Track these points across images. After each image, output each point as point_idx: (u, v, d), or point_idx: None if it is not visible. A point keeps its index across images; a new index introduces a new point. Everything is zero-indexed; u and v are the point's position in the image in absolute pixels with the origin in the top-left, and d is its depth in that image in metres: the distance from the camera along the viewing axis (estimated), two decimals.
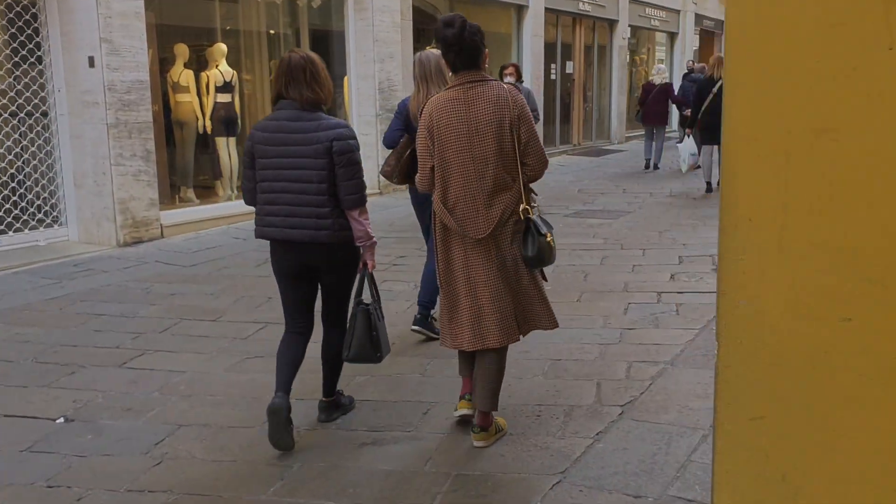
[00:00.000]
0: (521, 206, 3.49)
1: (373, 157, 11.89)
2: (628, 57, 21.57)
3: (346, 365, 3.99)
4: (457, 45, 3.45)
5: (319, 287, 3.83)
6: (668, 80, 14.79)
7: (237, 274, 7.30)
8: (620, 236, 8.52)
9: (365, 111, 11.79)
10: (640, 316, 5.57)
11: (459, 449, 3.64)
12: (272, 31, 12.52)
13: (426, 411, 4.08)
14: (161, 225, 8.89)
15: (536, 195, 3.69)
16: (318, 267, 3.71)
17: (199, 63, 10.86)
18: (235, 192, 10.75)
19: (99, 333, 5.59)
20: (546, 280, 3.76)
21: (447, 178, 3.51)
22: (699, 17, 24.05)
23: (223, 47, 10.62)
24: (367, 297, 3.79)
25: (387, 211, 10.46)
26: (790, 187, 1.55)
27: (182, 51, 10.29)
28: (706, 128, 11.19)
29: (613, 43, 19.29)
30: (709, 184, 11.37)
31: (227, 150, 10.69)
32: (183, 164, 10.48)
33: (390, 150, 5.13)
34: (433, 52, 5.04)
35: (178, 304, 6.36)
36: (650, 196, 11.50)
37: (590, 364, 4.63)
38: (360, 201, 3.60)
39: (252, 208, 3.78)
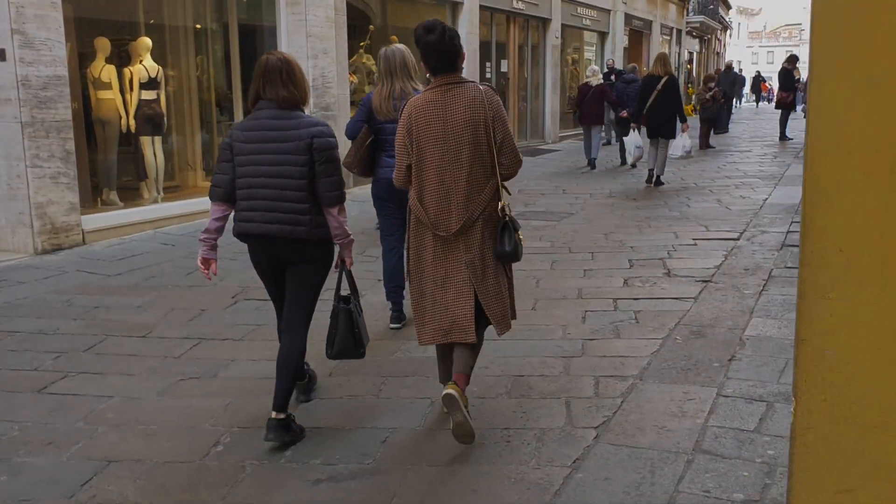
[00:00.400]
0: (500, 204, 3.62)
1: None
2: (563, 57, 21.54)
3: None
4: (438, 50, 3.57)
5: (288, 281, 3.82)
6: (602, 81, 15.11)
7: (167, 284, 6.80)
8: (567, 239, 8.29)
9: None
10: (599, 325, 5.32)
11: (425, 482, 3.30)
12: (199, 26, 11.94)
13: (384, 439, 3.73)
14: (82, 230, 8.28)
15: (509, 194, 3.76)
16: (291, 261, 3.75)
17: (121, 58, 10.24)
18: (162, 193, 10.18)
19: (14, 354, 5.06)
20: (510, 278, 3.87)
21: (423, 176, 3.62)
22: (629, 17, 24.18)
23: (147, 41, 10.03)
24: (344, 291, 3.92)
25: None
26: (893, 211, 1.25)
27: (103, 45, 9.66)
28: (652, 123, 11.69)
29: (546, 42, 19.18)
30: (651, 171, 12.01)
31: (153, 150, 10.10)
32: (106, 164, 9.84)
33: (351, 141, 5.23)
34: (398, 46, 5.17)
35: (102, 318, 5.85)
36: (590, 197, 11.34)
37: (555, 380, 4.34)
38: (339, 198, 3.65)
39: (184, 210, 3.50)
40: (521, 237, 3.68)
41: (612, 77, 17.07)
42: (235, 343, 5.25)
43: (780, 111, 19.10)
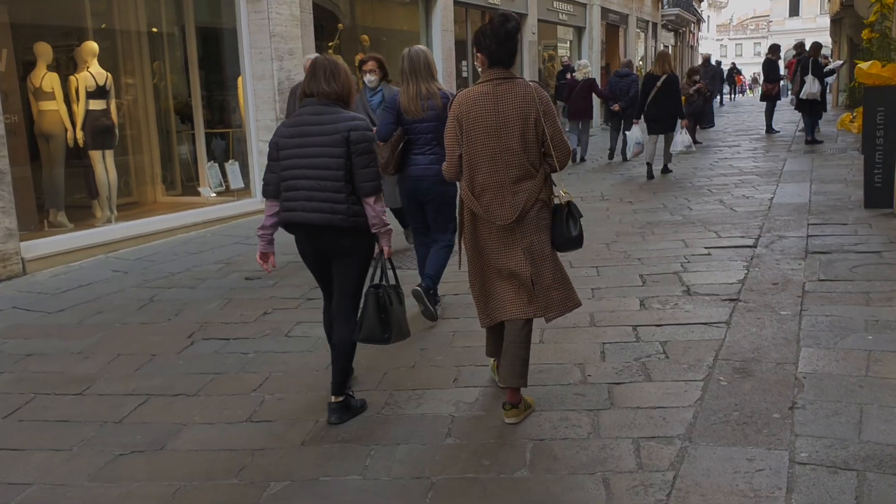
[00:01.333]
0: (562, 191, 3.80)
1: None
2: (538, 52, 20.73)
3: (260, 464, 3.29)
4: (504, 40, 3.69)
5: (333, 270, 3.98)
6: (590, 76, 14.79)
7: (114, 321, 5.87)
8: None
9: (263, 115, 10.40)
10: (622, 362, 4.48)
11: None
12: (154, 30, 10.98)
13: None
14: (22, 259, 7.32)
15: (555, 184, 3.87)
16: (330, 250, 3.90)
17: (66, 66, 9.28)
18: (115, 213, 9.23)
19: None
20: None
21: (475, 168, 3.75)
22: (605, 11, 23.45)
23: (94, 46, 9.07)
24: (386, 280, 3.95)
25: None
26: None
27: (44, 51, 8.70)
28: (651, 119, 12.01)
29: (523, 38, 18.34)
30: (649, 166, 12.13)
31: (104, 165, 9.14)
32: (51, 183, 8.86)
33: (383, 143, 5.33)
34: (420, 48, 5.38)
35: (33, 370, 4.92)
36: (582, 201, 10.50)
37: (584, 446, 3.49)
38: (375, 189, 3.81)
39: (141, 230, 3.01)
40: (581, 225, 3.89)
41: (568, 75, 15.73)
42: (189, 400, 4.35)
43: (764, 103, 18.42)
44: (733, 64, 40.04)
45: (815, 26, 63.41)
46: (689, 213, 9.08)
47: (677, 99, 12.08)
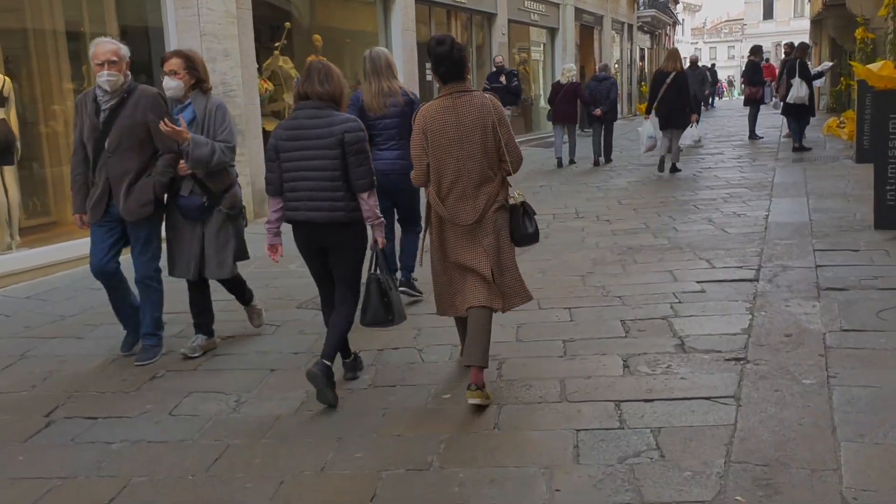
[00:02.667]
0: (516, 192, 4.18)
1: None
2: (509, 54, 19.65)
3: None
4: (448, 61, 4.03)
5: (330, 265, 4.28)
6: (575, 80, 14.57)
7: None
8: (532, 284, 6.31)
9: None
10: (603, 465, 3.31)
11: None
12: (71, 30, 9.69)
13: None
14: None
15: (511, 186, 4.25)
16: (329, 244, 4.20)
17: None
18: (17, 238, 7.96)
19: None
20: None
21: (441, 174, 4.08)
22: (579, 12, 22.41)
23: None
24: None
25: None
26: None
27: None
28: (663, 115, 12.32)
29: (493, 39, 17.25)
30: (662, 158, 12.60)
31: (2, 184, 7.88)
32: None
33: None
34: (381, 49, 5.68)
35: None
36: (554, 219, 9.38)
37: None
38: (369, 185, 4.14)
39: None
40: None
41: (501, 79, 14.52)
42: None
43: (748, 108, 17.43)
44: (713, 64, 39.14)
45: (789, 29, 62.87)
46: (674, 234, 7.96)
47: (687, 95, 12.39)
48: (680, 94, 12.16)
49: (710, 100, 29.44)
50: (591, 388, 4.16)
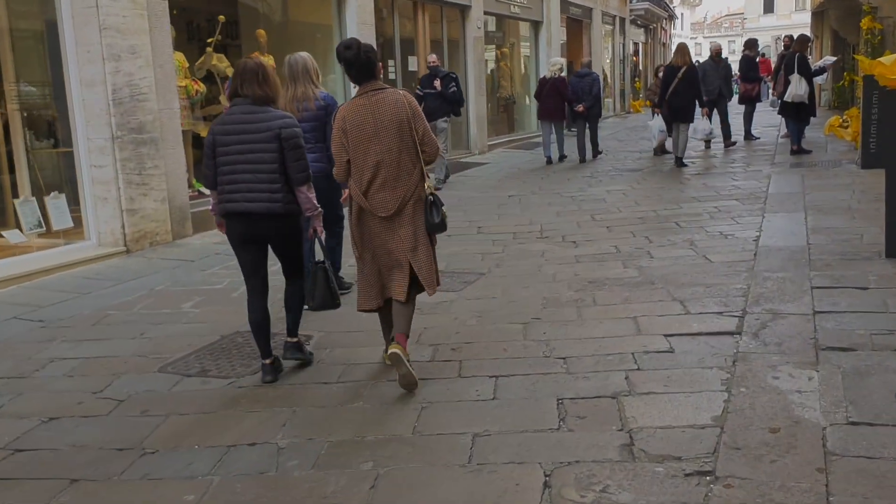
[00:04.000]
0: (427, 184, 4.33)
1: (112, 197, 8.05)
2: (493, 51, 18.38)
3: None
4: (356, 63, 4.25)
5: (273, 252, 4.54)
6: (561, 75, 14.32)
7: None
8: (460, 336, 5.08)
9: (95, 132, 7.92)
10: None
11: None
12: None
13: None
14: None
15: (430, 177, 4.69)
16: (268, 234, 4.43)
17: None
18: None
19: None
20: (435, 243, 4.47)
21: (361, 169, 4.26)
22: (565, 4, 21.10)
23: None
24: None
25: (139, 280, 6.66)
26: None
27: None
28: (673, 109, 12.58)
29: (467, 34, 15.95)
30: (678, 158, 12.71)
31: None
32: None
33: None
34: (301, 54, 5.81)
35: None
36: (513, 238, 8.12)
37: None
38: (306, 178, 4.38)
39: None
40: (444, 211, 4.37)
41: (436, 83, 11.67)
42: None
43: (743, 106, 16.13)
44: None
45: (790, 23, 61.46)
46: (648, 264, 6.69)
47: (697, 89, 12.65)
48: (690, 88, 12.44)
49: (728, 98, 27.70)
50: None
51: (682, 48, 13.03)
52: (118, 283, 7.04)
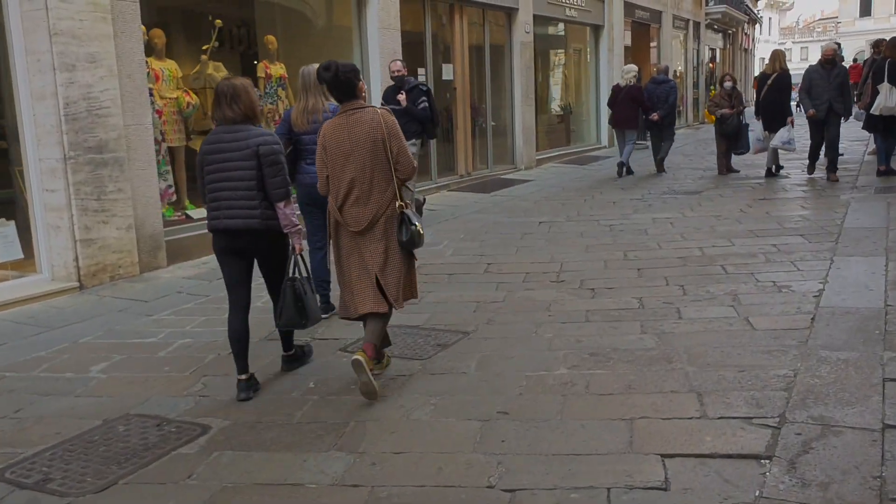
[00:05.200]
0: (397, 203, 4.44)
1: (64, 226, 7.08)
2: (547, 57, 17.02)
3: None
4: (335, 83, 4.43)
5: (259, 268, 4.62)
6: (636, 82, 13.68)
7: None
8: (389, 432, 3.82)
9: (47, 153, 6.95)
10: None
11: None
12: None
13: None
14: None
15: (412, 191, 5.03)
16: (251, 250, 4.54)
17: None
18: None
19: None
20: (416, 259, 4.72)
21: (338, 184, 4.44)
22: (630, 7, 19.54)
23: None
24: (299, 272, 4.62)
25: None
26: None
27: None
28: (765, 118, 11.97)
29: (513, 38, 14.63)
30: (768, 169, 12.40)
31: None
32: None
33: None
34: (315, 66, 5.36)
35: None
36: (523, 281, 6.80)
37: None
38: (284, 195, 4.43)
39: None
40: (419, 227, 4.49)
41: (400, 96, 9.07)
42: None
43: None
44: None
45: (889, 26, 57.89)
46: (672, 328, 5.28)
47: (787, 96, 12.07)
48: (781, 94, 11.85)
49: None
50: None
51: (775, 55, 12.38)
52: (46, 329, 6.02)
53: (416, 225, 4.44)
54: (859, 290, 5.71)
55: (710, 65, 29.45)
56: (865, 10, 68.17)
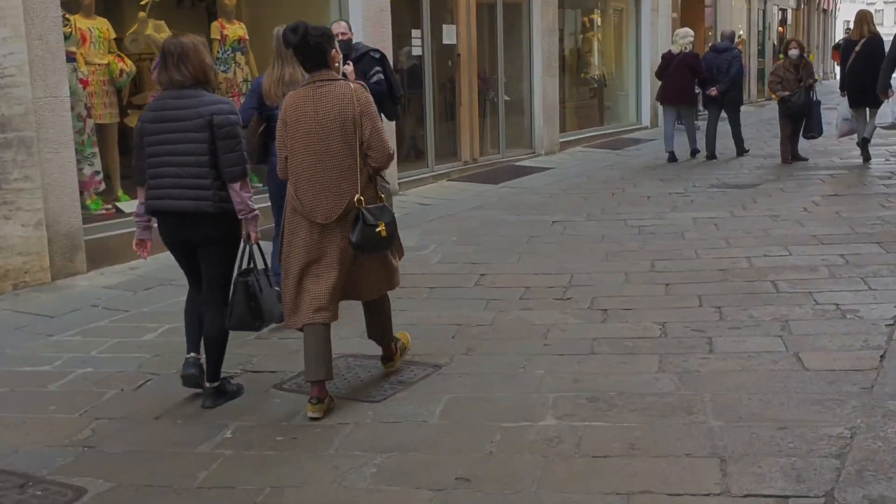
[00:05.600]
0: (356, 196, 4.38)
1: None
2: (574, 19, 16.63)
3: None
4: (303, 49, 4.38)
5: (199, 263, 4.58)
6: (691, 49, 13.62)
7: None
8: None
9: None
10: None
11: None
12: None
13: None
14: None
15: (387, 184, 5.08)
16: (195, 239, 4.50)
17: None
18: None
19: None
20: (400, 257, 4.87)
21: (299, 168, 4.41)
22: None
23: None
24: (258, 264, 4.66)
25: None
26: None
27: None
28: (852, 93, 11.79)
29: (529, 4, 14.26)
30: (865, 141, 11.99)
31: None
32: None
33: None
34: None
35: None
36: (520, 298, 6.38)
37: None
38: (240, 173, 4.40)
39: None
40: (382, 228, 4.38)
41: (346, 67, 7.98)
42: None
43: None
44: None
45: None
46: (699, 365, 4.85)
47: (878, 65, 11.30)
48: (870, 63, 11.35)
49: None
50: None
51: (861, 16, 12.30)
52: None
53: (374, 225, 4.35)
54: None
55: (780, 28, 28.93)
56: None
